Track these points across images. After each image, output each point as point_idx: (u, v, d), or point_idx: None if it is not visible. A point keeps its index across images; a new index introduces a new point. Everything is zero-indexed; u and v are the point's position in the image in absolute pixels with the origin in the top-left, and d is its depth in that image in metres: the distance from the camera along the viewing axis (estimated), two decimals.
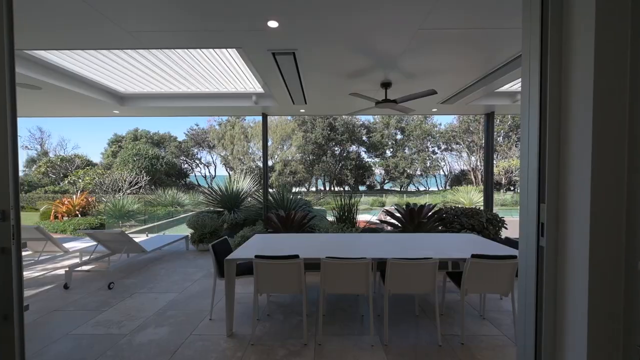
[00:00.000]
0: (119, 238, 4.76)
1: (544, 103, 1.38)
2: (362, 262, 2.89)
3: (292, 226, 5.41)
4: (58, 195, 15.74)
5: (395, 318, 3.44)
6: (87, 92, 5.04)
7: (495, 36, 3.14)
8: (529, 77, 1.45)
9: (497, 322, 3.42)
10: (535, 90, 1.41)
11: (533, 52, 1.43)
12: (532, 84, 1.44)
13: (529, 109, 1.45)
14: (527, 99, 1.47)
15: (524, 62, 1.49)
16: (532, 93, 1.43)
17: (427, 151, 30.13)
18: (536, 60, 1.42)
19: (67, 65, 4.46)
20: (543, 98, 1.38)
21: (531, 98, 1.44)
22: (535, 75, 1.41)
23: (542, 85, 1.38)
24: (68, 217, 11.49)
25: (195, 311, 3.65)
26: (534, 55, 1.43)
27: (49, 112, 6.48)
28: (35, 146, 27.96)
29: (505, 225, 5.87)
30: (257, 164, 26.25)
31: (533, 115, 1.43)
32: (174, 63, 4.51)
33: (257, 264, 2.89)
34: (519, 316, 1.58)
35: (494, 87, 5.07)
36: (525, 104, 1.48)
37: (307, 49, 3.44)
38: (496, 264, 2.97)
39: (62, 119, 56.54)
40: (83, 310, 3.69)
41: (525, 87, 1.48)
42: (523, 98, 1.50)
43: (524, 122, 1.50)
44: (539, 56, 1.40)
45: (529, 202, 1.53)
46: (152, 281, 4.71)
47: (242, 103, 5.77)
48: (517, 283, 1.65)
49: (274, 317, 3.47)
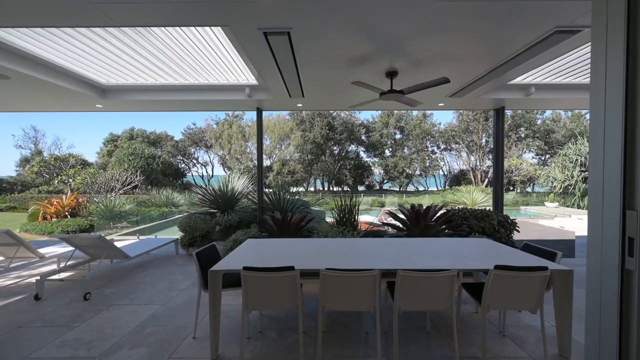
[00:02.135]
0: (97, 243, 4.32)
1: (633, 87, 1.07)
2: (369, 275, 2.48)
3: (289, 229, 4.99)
4: (52, 196, 15.20)
5: (404, 336, 3.03)
6: (63, 83, 4.58)
7: (524, 7, 2.71)
8: (606, 52, 1.16)
9: (519, 339, 3.02)
10: (618, 67, 1.11)
11: (614, 22, 1.13)
12: (613, 57, 1.13)
13: (606, 94, 1.16)
14: (603, 80, 1.18)
15: (596, 36, 1.20)
16: (612, 69, 1.13)
17: (426, 151, 29.79)
18: (619, 32, 1.11)
19: (39, 52, 4.02)
20: (631, 80, 1.08)
21: (609, 79, 1.15)
22: (618, 47, 1.11)
23: (628, 63, 1.09)
24: (57, 218, 11.01)
25: (178, 327, 3.22)
26: (615, 26, 1.13)
27: (23, 107, 5.96)
28: (29, 145, 27.37)
29: (517, 227, 5.47)
30: (255, 164, 25.77)
31: (614, 100, 1.13)
32: (158, 50, 4.08)
33: (245, 277, 2.47)
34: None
35: (507, 78, 4.65)
36: (600, 88, 1.19)
37: (303, 28, 3.00)
38: (524, 276, 2.56)
39: (58, 118, 55.71)
40: (51, 327, 3.25)
41: (598, 63, 1.20)
42: (596, 79, 1.21)
43: (596, 110, 1.20)
44: (625, 27, 1.09)
45: (607, 209, 1.12)
46: (134, 291, 4.27)
47: (235, 96, 5.34)
48: (586, 318, 1.24)
49: (266, 335, 3.05)
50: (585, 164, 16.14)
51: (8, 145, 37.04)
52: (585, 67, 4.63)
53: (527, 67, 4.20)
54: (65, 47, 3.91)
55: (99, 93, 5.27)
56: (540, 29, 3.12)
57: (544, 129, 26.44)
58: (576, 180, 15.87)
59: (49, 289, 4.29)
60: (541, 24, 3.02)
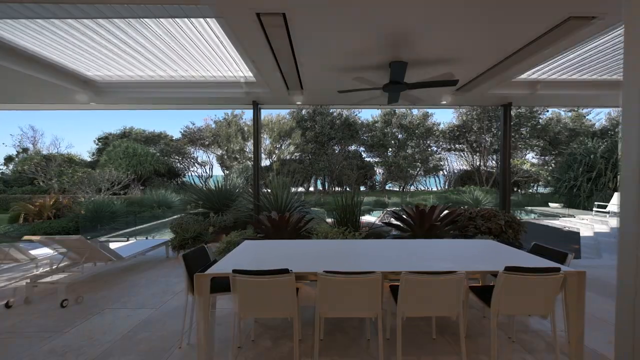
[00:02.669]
0: (77, 245, 4.06)
1: None
2: (371, 278, 2.29)
3: (287, 230, 4.80)
4: (35, 196, 14.62)
5: (408, 342, 2.83)
6: (48, 77, 4.39)
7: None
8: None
9: (529, 346, 2.84)
10: None
11: None
12: None
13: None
14: None
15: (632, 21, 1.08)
16: None
17: (428, 150, 29.56)
18: None
19: (22, 44, 3.83)
20: None
21: None
22: None
23: None
24: (40, 219, 10.56)
25: (171, 333, 3.04)
26: None
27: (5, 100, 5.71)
28: (27, 144, 27.04)
29: (524, 228, 5.26)
30: None
31: None
32: (150, 43, 3.91)
33: (235, 281, 2.28)
34: None
35: (516, 73, 4.45)
36: (635, 81, 1.09)
37: (300, 8, 2.78)
38: (536, 279, 2.38)
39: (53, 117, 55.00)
40: (38, 331, 3.07)
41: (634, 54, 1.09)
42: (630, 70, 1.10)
43: (629, 101, 1.11)
44: None
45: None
46: (128, 294, 4.08)
47: (231, 91, 5.14)
48: (616, 324, 1.05)
49: (259, 343, 2.85)
50: (590, 164, 15.88)
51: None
52: (593, 62, 4.44)
53: (536, 61, 4.01)
54: (52, 38, 3.73)
55: (85, 87, 5.03)
56: (554, 17, 2.93)
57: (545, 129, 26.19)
58: (581, 181, 15.61)
59: (38, 292, 4.10)
60: (554, 11, 2.83)
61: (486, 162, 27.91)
